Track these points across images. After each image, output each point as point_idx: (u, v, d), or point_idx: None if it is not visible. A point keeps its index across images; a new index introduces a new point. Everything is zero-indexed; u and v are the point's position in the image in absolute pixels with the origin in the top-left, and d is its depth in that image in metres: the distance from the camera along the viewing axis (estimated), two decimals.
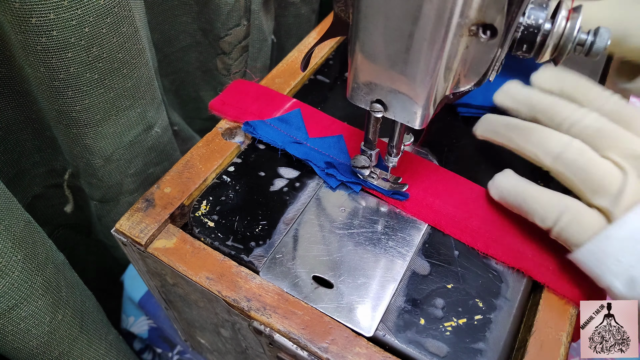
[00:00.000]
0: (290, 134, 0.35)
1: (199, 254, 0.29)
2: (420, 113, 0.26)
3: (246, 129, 0.35)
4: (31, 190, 0.43)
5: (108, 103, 0.35)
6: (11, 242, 0.29)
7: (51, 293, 0.33)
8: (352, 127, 0.35)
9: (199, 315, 0.35)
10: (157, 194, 0.32)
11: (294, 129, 0.35)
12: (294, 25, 0.59)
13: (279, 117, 0.36)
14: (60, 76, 0.31)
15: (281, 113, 0.36)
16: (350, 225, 0.31)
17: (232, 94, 0.37)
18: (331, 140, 0.35)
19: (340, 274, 0.29)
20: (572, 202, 0.27)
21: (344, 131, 0.35)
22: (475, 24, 0.22)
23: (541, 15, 0.23)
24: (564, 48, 0.23)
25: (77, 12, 0.29)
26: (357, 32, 0.24)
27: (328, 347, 0.26)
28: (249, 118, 0.35)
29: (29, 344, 0.33)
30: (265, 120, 0.35)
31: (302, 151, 0.34)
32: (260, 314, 0.27)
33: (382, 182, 0.32)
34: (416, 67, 0.24)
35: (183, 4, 0.47)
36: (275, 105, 0.36)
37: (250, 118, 0.35)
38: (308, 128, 0.35)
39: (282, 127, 0.35)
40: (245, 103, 0.37)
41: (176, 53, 0.51)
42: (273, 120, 0.35)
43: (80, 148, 0.37)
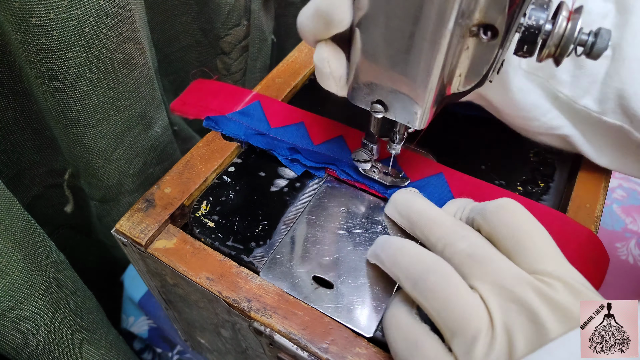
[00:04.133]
0: (252, 126, 0.35)
1: (199, 254, 0.29)
2: (421, 113, 0.26)
3: (207, 124, 0.36)
4: (31, 190, 0.43)
5: (108, 103, 0.35)
6: (11, 242, 0.29)
7: (51, 293, 0.33)
8: (313, 114, 0.36)
9: (199, 315, 0.35)
10: (157, 194, 0.32)
11: (256, 120, 0.36)
12: (294, 25, 0.59)
13: (239, 110, 0.36)
14: (60, 76, 0.31)
15: (242, 107, 0.36)
16: (351, 226, 0.31)
17: (193, 93, 0.38)
18: (293, 128, 0.35)
19: (341, 274, 0.29)
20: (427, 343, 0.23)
21: (306, 118, 0.35)
22: (476, 25, 0.22)
23: (542, 16, 0.23)
24: (565, 49, 0.23)
25: (77, 12, 0.29)
26: (358, 32, 0.24)
27: (328, 347, 0.26)
28: (210, 114, 0.36)
29: (29, 344, 0.33)
30: (226, 115, 0.36)
31: (264, 142, 0.34)
32: (261, 315, 0.27)
33: (384, 176, 0.32)
34: (417, 68, 0.24)
35: (183, 4, 0.47)
36: (236, 100, 0.37)
37: (211, 114, 0.36)
38: (270, 119, 0.36)
39: (243, 120, 0.36)
40: (205, 101, 0.37)
41: (176, 53, 0.51)
42: (234, 114, 0.36)
43: (80, 148, 0.37)
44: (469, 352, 0.21)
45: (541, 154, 0.36)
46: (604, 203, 0.33)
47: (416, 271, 0.24)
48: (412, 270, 0.24)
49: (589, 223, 0.31)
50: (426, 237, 0.26)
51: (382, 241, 0.27)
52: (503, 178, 0.34)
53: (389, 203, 0.30)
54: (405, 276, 0.24)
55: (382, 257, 0.26)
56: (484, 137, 0.37)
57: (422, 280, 0.23)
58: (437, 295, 0.23)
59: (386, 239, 0.27)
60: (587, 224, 0.31)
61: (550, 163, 0.36)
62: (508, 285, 0.22)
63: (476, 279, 0.23)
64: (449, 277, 0.23)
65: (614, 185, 0.70)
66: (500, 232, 0.24)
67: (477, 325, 0.21)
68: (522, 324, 0.21)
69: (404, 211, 0.29)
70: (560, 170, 0.35)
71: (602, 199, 0.33)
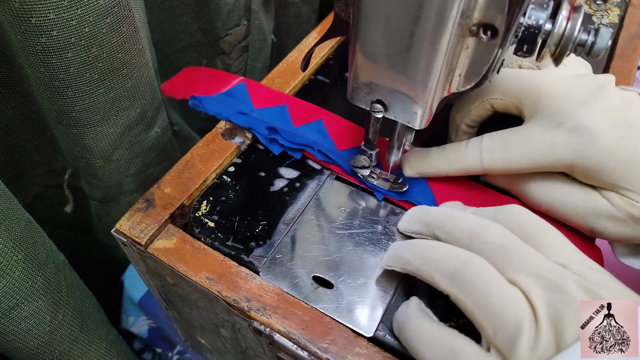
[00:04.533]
0: (235, 106, 0.36)
1: (199, 254, 0.29)
2: (421, 113, 0.26)
3: (192, 103, 0.36)
4: (31, 191, 0.43)
5: (108, 103, 0.35)
6: (12, 242, 0.29)
7: (51, 293, 0.33)
8: (297, 98, 0.37)
9: (199, 315, 0.35)
10: (157, 194, 0.32)
11: (239, 101, 0.36)
12: (294, 25, 0.59)
13: (224, 92, 0.37)
14: (60, 76, 0.31)
15: (227, 89, 0.37)
16: (351, 226, 0.31)
17: (183, 77, 0.40)
18: (275, 110, 0.36)
19: (341, 274, 0.29)
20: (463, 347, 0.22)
21: (288, 101, 0.36)
22: (475, 24, 0.22)
23: (542, 16, 0.23)
24: (565, 48, 0.23)
25: (77, 12, 0.29)
26: (358, 32, 0.24)
27: (328, 347, 0.26)
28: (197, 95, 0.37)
29: (30, 344, 0.33)
30: (212, 95, 0.37)
31: (245, 120, 0.35)
32: (260, 314, 0.27)
33: (382, 182, 0.32)
34: (416, 67, 0.23)
35: (183, 3, 0.47)
36: (222, 83, 0.38)
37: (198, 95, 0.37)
38: (253, 100, 0.36)
39: (227, 100, 0.36)
40: (194, 84, 0.38)
41: (176, 53, 0.51)
42: (219, 95, 0.37)
43: (80, 148, 0.37)
44: (513, 345, 0.20)
45: None
46: None
47: (452, 266, 0.23)
48: (448, 265, 0.23)
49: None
50: (448, 234, 0.25)
51: (403, 244, 0.27)
52: None
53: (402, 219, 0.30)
54: (441, 273, 0.23)
55: (408, 258, 0.25)
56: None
57: (460, 275, 0.22)
58: (477, 289, 0.22)
59: (406, 242, 0.26)
60: None
61: None
62: (548, 275, 0.21)
63: (513, 270, 0.22)
64: (486, 270, 0.22)
65: None
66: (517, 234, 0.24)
67: (520, 317, 0.21)
68: (568, 314, 0.20)
69: (419, 217, 0.28)
70: None
71: None
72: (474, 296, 0.22)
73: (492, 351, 0.21)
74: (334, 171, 0.34)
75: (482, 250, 0.23)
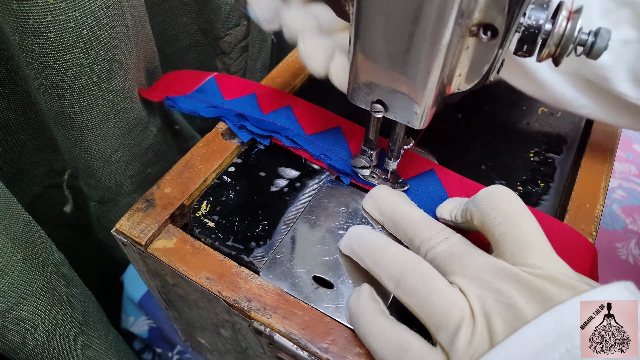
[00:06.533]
0: (207, 101, 0.36)
1: (199, 254, 0.29)
2: (421, 113, 0.26)
3: (168, 104, 0.37)
4: (31, 190, 0.43)
5: (107, 106, 0.35)
6: (11, 242, 0.29)
7: (51, 293, 0.33)
8: (267, 86, 0.37)
9: (199, 315, 0.35)
10: (157, 194, 0.32)
11: (210, 95, 0.37)
12: None
13: (197, 89, 0.38)
14: (58, 78, 0.31)
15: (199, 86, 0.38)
16: (351, 226, 0.31)
17: (161, 82, 0.40)
18: (244, 99, 0.36)
19: (341, 274, 0.29)
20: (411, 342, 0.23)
21: (258, 90, 0.37)
22: (475, 24, 0.22)
23: (542, 16, 0.23)
24: (565, 48, 0.23)
25: (74, 15, 0.29)
26: (358, 32, 0.24)
27: (328, 347, 0.26)
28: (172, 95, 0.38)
29: (29, 344, 0.33)
30: (186, 94, 0.37)
31: (215, 112, 0.36)
32: (261, 315, 0.27)
33: (382, 182, 0.32)
34: (416, 67, 0.24)
35: (183, 4, 0.47)
36: (196, 81, 0.38)
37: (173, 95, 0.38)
38: (223, 92, 0.37)
39: (200, 96, 0.37)
40: (170, 86, 0.39)
41: (176, 53, 0.51)
42: (192, 93, 0.37)
43: (79, 149, 0.37)
44: (453, 341, 0.22)
45: (541, 154, 0.36)
46: (604, 203, 0.33)
47: (398, 271, 0.24)
48: (394, 270, 0.25)
49: (589, 223, 0.31)
50: (410, 240, 0.27)
51: (358, 236, 0.28)
52: (503, 178, 0.34)
53: (369, 198, 0.30)
54: (388, 277, 0.25)
55: (360, 255, 0.27)
56: (484, 137, 0.37)
57: (404, 280, 0.24)
58: (418, 292, 0.23)
59: (361, 234, 0.28)
60: (587, 224, 0.31)
61: (550, 163, 0.36)
62: (485, 276, 0.23)
63: (456, 274, 0.24)
64: (428, 274, 0.24)
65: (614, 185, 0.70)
66: (490, 219, 0.24)
67: (458, 315, 0.22)
68: (499, 309, 0.22)
69: (387, 211, 0.29)
70: (560, 170, 0.35)
71: (602, 199, 0.33)
72: (416, 299, 0.23)
73: (437, 346, 0.23)
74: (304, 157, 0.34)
75: (433, 259, 0.25)
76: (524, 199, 0.33)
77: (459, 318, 0.22)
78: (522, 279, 0.22)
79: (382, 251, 0.26)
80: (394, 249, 0.26)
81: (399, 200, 0.29)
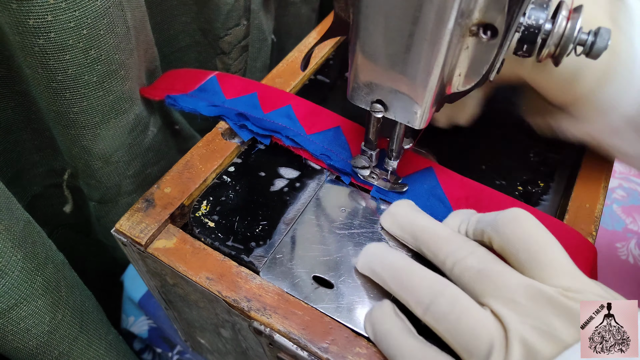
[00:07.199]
0: (208, 100, 0.37)
1: (199, 254, 0.29)
2: (421, 113, 0.26)
3: (168, 102, 0.37)
4: (31, 190, 0.43)
5: (107, 106, 0.35)
6: (11, 241, 0.29)
7: (51, 293, 0.33)
8: (268, 86, 0.37)
9: (199, 315, 0.35)
10: (157, 194, 0.32)
11: (211, 94, 0.37)
12: (294, 25, 0.59)
13: (198, 87, 0.38)
14: (58, 77, 0.31)
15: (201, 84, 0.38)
16: (351, 225, 0.31)
17: (162, 80, 0.40)
18: (245, 98, 0.36)
19: (341, 274, 0.29)
20: None
21: (259, 89, 0.37)
22: (475, 24, 0.22)
23: (542, 16, 0.23)
24: (565, 48, 0.23)
25: (74, 14, 0.28)
26: (358, 32, 0.24)
27: (328, 347, 0.26)
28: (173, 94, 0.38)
29: (29, 344, 0.33)
30: (187, 93, 0.37)
31: (216, 111, 0.36)
32: (261, 314, 0.27)
33: (382, 182, 0.32)
34: (416, 67, 0.23)
35: (182, 4, 0.47)
36: (197, 80, 0.38)
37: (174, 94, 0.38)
38: (225, 91, 0.37)
39: (200, 95, 0.37)
40: (172, 84, 0.39)
41: (175, 53, 0.51)
42: (194, 92, 0.37)
43: (79, 149, 0.37)
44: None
45: (541, 153, 0.36)
46: (604, 203, 0.33)
47: (427, 296, 0.23)
48: (423, 295, 0.24)
49: (589, 223, 0.31)
50: (434, 255, 0.26)
51: (378, 256, 0.27)
52: (503, 178, 0.34)
53: (387, 215, 0.30)
54: (416, 302, 0.24)
55: (384, 278, 0.26)
56: (484, 137, 0.37)
57: (434, 305, 0.23)
58: (448, 317, 0.23)
59: (382, 255, 0.27)
60: (587, 224, 0.31)
61: (550, 163, 0.36)
62: (520, 299, 0.22)
63: (488, 295, 0.23)
64: (458, 298, 0.23)
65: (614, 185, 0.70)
66: (514, 245, 0.24)
67: (488, 340, 0.21)
68: (537, 334, 0.21)
69: (407, 226, 0.28)
70: (560, 170, 0.35)
71: (602, 199, 0.33)
72: (446, 326, 0.23)
73: None
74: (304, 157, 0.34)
75: (461, 276, 0.24)
76: (524, 199, 0.33)
77: (489, 343, 0.21)
78: (558, 302, 0.21)
79: (408, 275, 0.25)
80: (421, 273, 0.25)
81: (419, 214, 0.28)
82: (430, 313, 0.23)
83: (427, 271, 0.25)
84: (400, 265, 0.25)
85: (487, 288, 0.23)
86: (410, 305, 0.24)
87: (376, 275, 0.27)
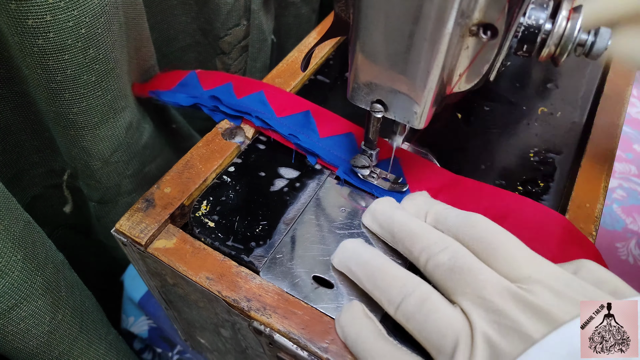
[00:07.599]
0: (187, 93, 0.38)
1: (199, 254, 0.29)
2: (421, 113, 0.26)
3: (152, 96, 0.39)
4: (30, 191, 0.43)
5: (106, 106, 0.35)
6: (11, 242, 0.29)
7: (51, 293, 0.33)
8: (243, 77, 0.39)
9: (199, 315, 0.35)
10: (157, 194, 0.32)
11: (191, 88, 0.39)
12: (294, 25, 0.59)
13: (179, 83, 0.40)
14: (57, 78, 0.31)
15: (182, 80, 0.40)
16: (351, 226, 0.31)
17: (152, 80, 0.42)
18: (220, 88, 0.38)
19: (341, 273, 0.29)
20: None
21: (234, 80, 0.39)
22: (475, 24, 0.22)
23: (542, 16, 0.23)
24: (565, 48, 0.23)
25: (73, 14, 0.28)
26: (358, 32, 0.24)
27: (328, 347, 0.26)
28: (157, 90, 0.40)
29: (29, 344, 0.33)
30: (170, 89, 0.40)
31: (194, 100, 0.38)
32: (260, 314, 0.27)
33: (382, 182, 0.32)
34: (416, 67, 0.24)
35: (182, 3, 0.47)
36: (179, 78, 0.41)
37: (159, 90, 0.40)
38: (202, 83, 0.39)
39: (181, 90, 0.39)
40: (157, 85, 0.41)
41: (175, 53, 0.51)
42: (176, 87, 0.40)
43: (78, 150, 0.37)
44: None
45: (541, 153, 0.36)
46: (604, 203, 0.33)
47: (398, 295, 0.24)
48: (394, 295, 0.24)
49: (589, 223, 0.31)
50: (409, 251, 0.26)
51: (354, 253, 0.27)
52: (503, 178, 0.34)
53: (368, 213, 0.30)
54: (388, 301, 0.24)
55: (358, 275, 0.26)
56: (484, 137, 0.37)
57: (404, 304, 0.24)
58: (416, 316, 0.23)
59: (357, 252, 0.27)
60: (587, 224, 0.31)
61: (550, 163, 0.36)
62: (487, 295, 0.22)
63: (458, 293, 0.23)
64: (427, 297, 0.23)
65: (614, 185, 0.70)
66: (474, 247, 0.24)
67: (454, 338, 0.22)
68: (503, 332, 0.21)
69: (385, 223, 0.28)
70: (560, 170, 0.35)
71: (602, 199, 0.33)
72: (414, 324, 0.23)
73: None
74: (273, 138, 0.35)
75: (434, 273, 0.24)
76: None
77: (455, 340, 0.22)
78: (523, 297, 0.21)
79: (381, 273, 0.25)
80: (393, 272, 0.25)
81: (397, 212, 0.28)
82: (400, 312, 0.24)
83: (400, 269, 0.25)
84: (375, 264, 0.26)
85: (457, 285, 0.23)
86: (383, 304, 0.25)
87: (351, 273, 0.27)
